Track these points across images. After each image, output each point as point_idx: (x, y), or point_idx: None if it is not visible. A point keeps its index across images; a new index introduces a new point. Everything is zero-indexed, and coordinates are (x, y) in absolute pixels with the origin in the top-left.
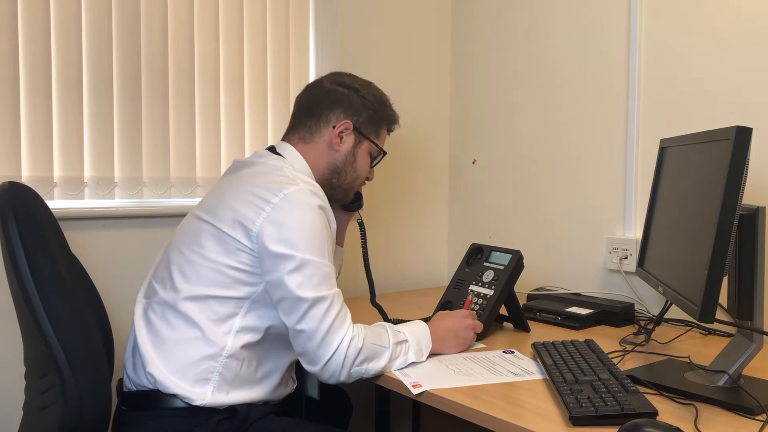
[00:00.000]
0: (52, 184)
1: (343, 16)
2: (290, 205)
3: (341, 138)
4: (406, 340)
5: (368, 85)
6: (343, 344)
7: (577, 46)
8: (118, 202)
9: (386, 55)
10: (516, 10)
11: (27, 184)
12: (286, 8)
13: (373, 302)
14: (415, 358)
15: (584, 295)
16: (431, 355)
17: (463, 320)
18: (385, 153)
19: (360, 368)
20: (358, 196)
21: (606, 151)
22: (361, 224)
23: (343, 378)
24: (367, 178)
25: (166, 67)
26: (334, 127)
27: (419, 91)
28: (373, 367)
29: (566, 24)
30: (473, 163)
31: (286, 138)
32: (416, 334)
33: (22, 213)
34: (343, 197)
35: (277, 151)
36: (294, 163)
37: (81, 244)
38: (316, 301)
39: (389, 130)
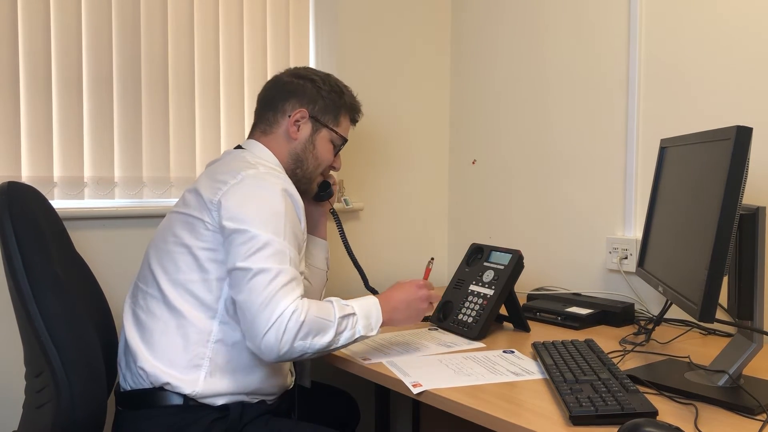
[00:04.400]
0: (52, 184)
1: (343, 16)
2: (246, 185)
3: (298, 126)
4: (353, 314)
5: (325, 76)
6: (284, 316)
7: (578, 46)
8: (118, 202)
9: (386, 55)
10: (516, 10)
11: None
12: (286, 8)
13: (367, 287)
14: (364, 332)
15: (584, 295)
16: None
17: (417, 291)
18: (346, 140)
19: (304, 343)
20: (326, 185)
21: (606, 151)
22: (334, 213)
23: (283, 352)
24: (333, 167)
25: (166, 67)
26: (290, 116)
27: (419, 91)
28: (318, 342)
29: (566, 24)
30: (473, 163)
31: (250, 135)
32: (365, 307)
33: (18, 213)
34: (307, 189)
35: (243, 147)
36: (259, 154)
37: (81, 244)
38: (259, 272)
39: (353, 120)
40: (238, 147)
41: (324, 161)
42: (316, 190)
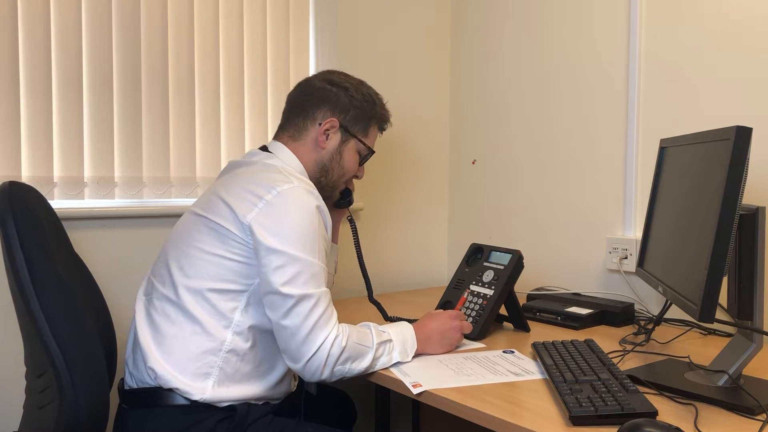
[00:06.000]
0: (52, 184)
1: (343, 16)
2: (282, 202)
3: (327, 136)
4: (390, 340)
5: (359, 84)
6: (327, 343)
7: (577, 46)
8: (118, 202)
9: (386, 55)
10: (516, 10)
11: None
12: (286, 8)
13: (371, 299)
14: (399, 358)
15: (584, 295)
16: (417, 355)
17: (450, 321)
18: (373, 152)
19: (343, 367)
20: (348, 193)
21: (606, 151)
22: (351, 221)
23: (325, 376)
24: (356, 177)
25: (166, 67)
26: (320, 124)
27: (419, 91)
28: (357, 366)
29: (566, 23)
30: (473, 163)
31: (277, 137)
32: (401, 334)
33: (20, 212)
34: (329, 196)
35: (269, 149)
36: (286, 160)
37: (81, 244)
38: (301, 299)
39: (381, 129)
40: (263, 147)
41: (349, 171)
42: (338, 197)
